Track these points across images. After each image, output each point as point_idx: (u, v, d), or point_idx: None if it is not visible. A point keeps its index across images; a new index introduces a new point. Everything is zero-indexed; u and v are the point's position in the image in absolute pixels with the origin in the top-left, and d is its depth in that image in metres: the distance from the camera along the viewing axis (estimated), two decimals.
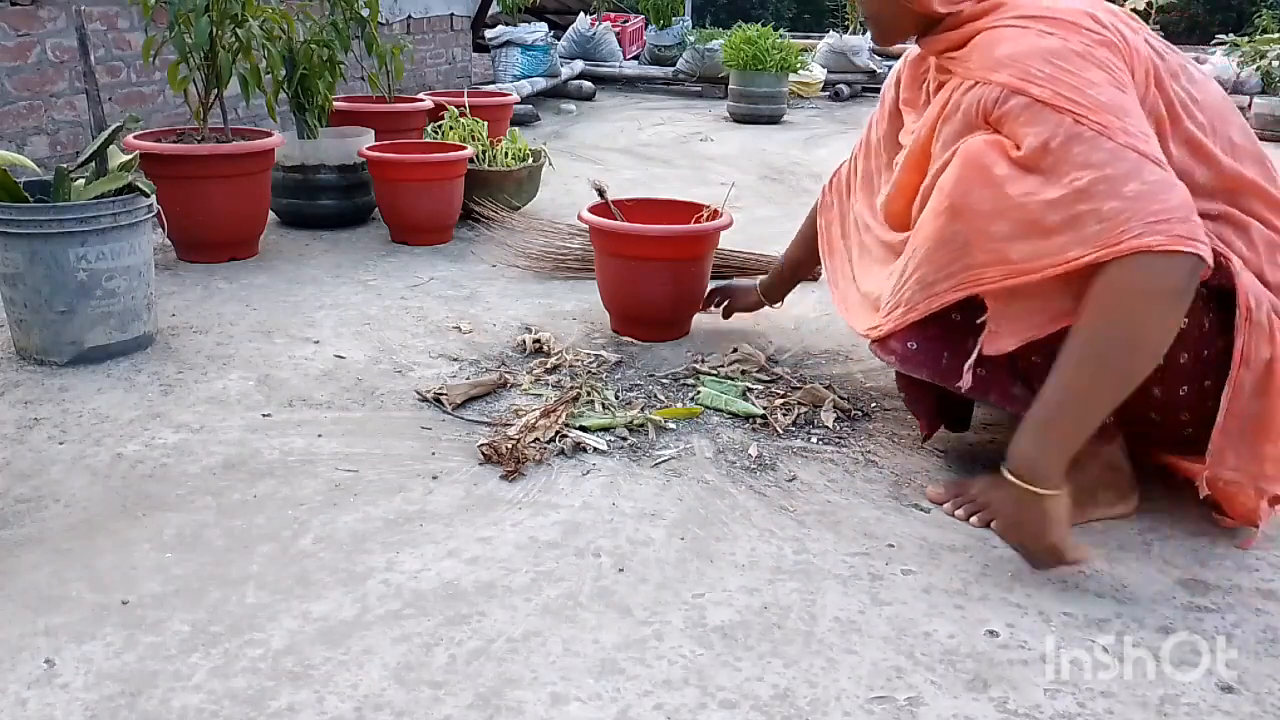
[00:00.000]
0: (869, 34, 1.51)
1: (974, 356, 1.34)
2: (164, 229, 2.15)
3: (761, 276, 2.09)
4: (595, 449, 1.57)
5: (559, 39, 7.10)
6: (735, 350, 1.97)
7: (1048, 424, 1.22)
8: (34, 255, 1.79)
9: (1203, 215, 1.26)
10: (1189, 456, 1.42)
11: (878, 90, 7.26)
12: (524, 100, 5.36)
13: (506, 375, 1.82)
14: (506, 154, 3.07)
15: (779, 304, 2.08)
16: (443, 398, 1.73)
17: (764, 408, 1.72)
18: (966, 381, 1.36)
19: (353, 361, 1.93)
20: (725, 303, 2.12)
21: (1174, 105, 1.31)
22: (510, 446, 1.52)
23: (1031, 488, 1.21)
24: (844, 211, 1.77)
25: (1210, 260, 1.18)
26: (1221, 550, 1.35)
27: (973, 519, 1.39)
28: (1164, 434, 1.39)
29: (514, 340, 2.05)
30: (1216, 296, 1.29)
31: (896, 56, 7.83)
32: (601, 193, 2.17)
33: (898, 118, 1.63)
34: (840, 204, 1.79)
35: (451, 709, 1.02)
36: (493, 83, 5.97)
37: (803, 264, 1.98)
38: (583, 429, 1.63)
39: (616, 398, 1.76)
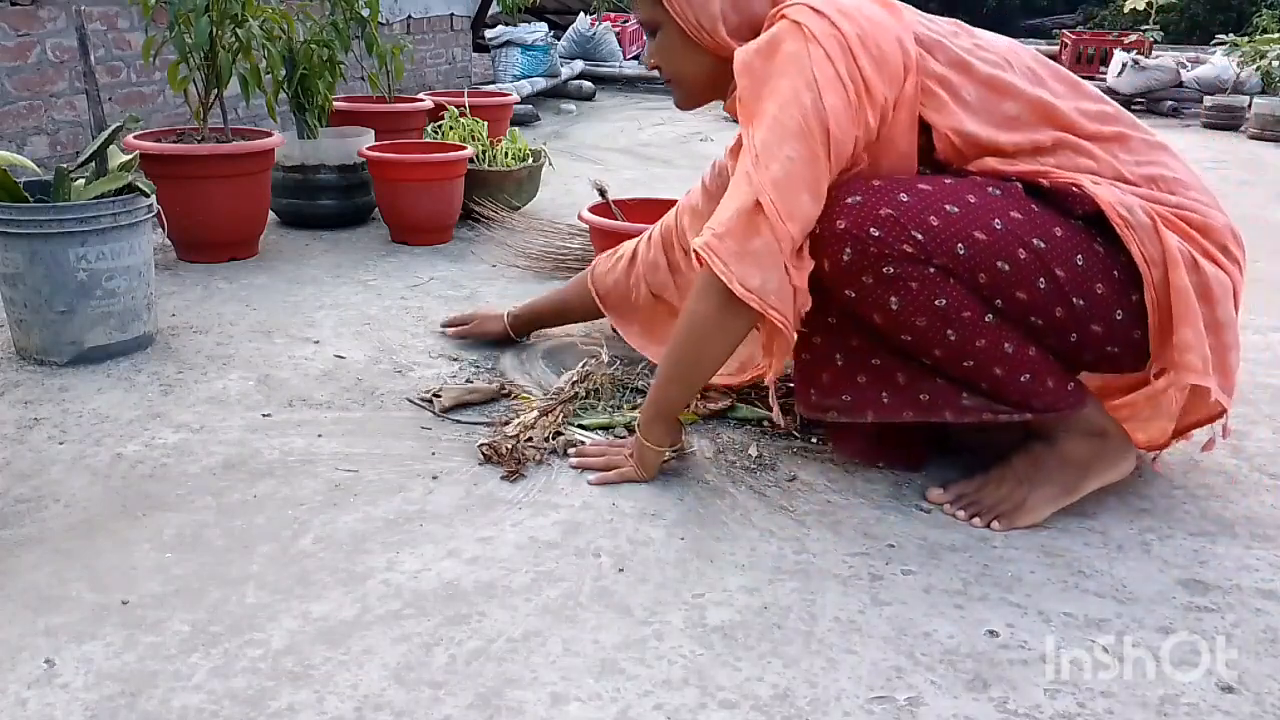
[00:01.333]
0: (674, 98, 1.62)
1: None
2: (164, 229, 2.15)
3: (512, 306, 2.03)
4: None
5: (559, 39, 7.10)
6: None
7: (652, 403, 1.47)
8: (34, 255, 1.79)
9: (1036, 149, 1.36)
10: (1116, 376, 1.47)
11: None
12: (524, 100, 5.36)
13: (509, 386, 1.80)
14: (506, 154, 3.08)
15: (525, 339, 2.04)
16: (436, 400, 1.72)
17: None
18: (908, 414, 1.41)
19: (353, 361, 1.93)
20: (465, 327, 2.04)
21: (959, 60, 1.36)
22: (510, 447, 1.52)
23: (649, 445, 1.47)
24: (675, 267, 1.79)
25: (738, 291, 1.29)
26: (1221, 550, 1.35)
27: (975, 520, 1.40)
28: (1133, 363, 1.40)
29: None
30: (1094, 221, 1.32)
31: None
32: (603, 192, 2.18)
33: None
34: (668, 257, 1.80)
35: (451, 709, 1.02)
36: (493, 83, 5.98)
37: (573, 310, 1.99)
38: (582, 427, 1.63)
39: (617, 397, 1.76)
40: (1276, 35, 7.23)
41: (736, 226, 1.31)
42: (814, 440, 1.65)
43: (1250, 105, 6.12)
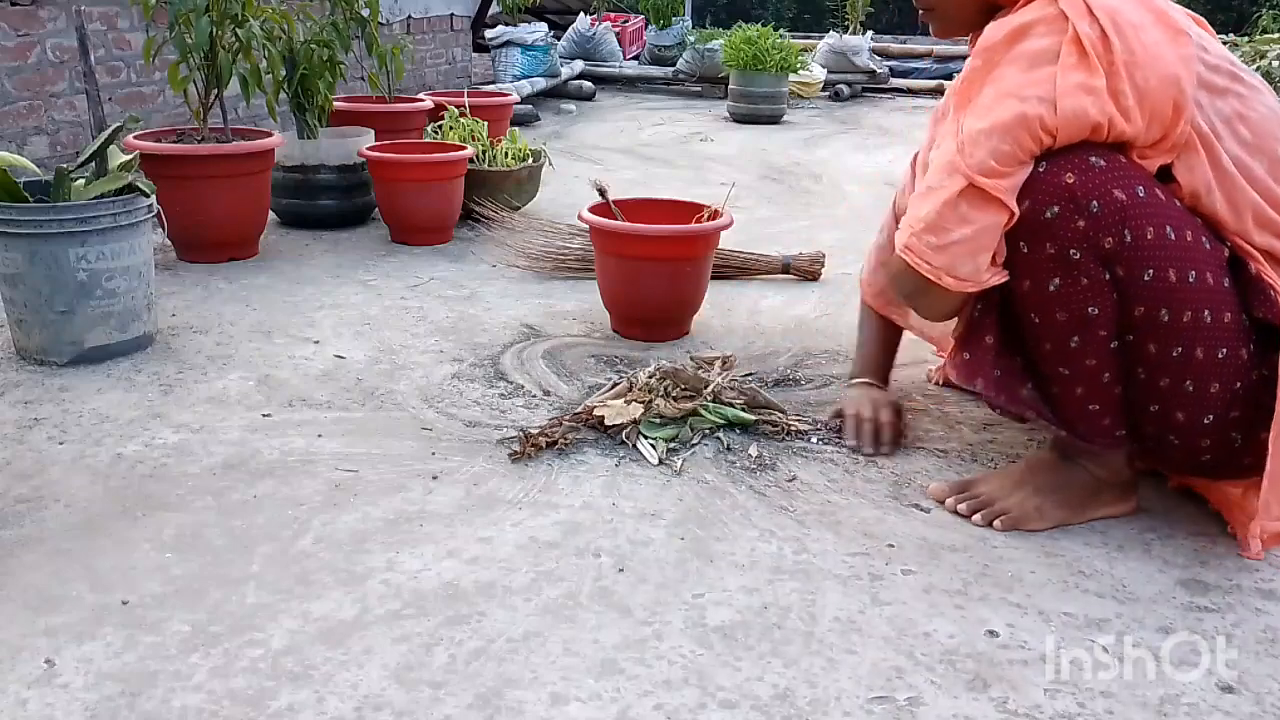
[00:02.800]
0: (930, 27, 1.46)
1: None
2: (164, 229, 2.15)
3: (863, 380, 1.76)
4: (643, 458, 1.56)
5: (559, 39, 7.09)
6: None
7: None
8: (34, 255, 1.79)
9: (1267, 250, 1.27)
10: (1202, 479, 1.42)
11: (878, 90, 7.29)
12: (524, 100, 5.36)
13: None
14: (506, 154, 3.07)
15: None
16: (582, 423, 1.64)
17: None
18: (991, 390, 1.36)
19: (353, 361, 1.93)
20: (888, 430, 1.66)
21: (1231, 114, 1.26)
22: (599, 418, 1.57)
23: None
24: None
25: (944, 281, 1.26)
26: (1221, 550, 1.35)
27: (975, 516, 1.39)
28: (1180, 456, 1.36)
29: (514, 340, 2.05)
30: (1260, 329, 1.26)
31: (899, 57, 7.75)
32: (602, 192, 2.17)
33: None
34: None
35: (451, 709, 1.02)
36: (493, 83, 5.97)
37: (879, 333, 1.81)
38: (649, 437, 1.60)
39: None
40: (1276, 35, 7.23)
41: (937, 218, 1.24)
42: (814, 440, 1.65)
43: None
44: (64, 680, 1.04)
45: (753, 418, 1.66)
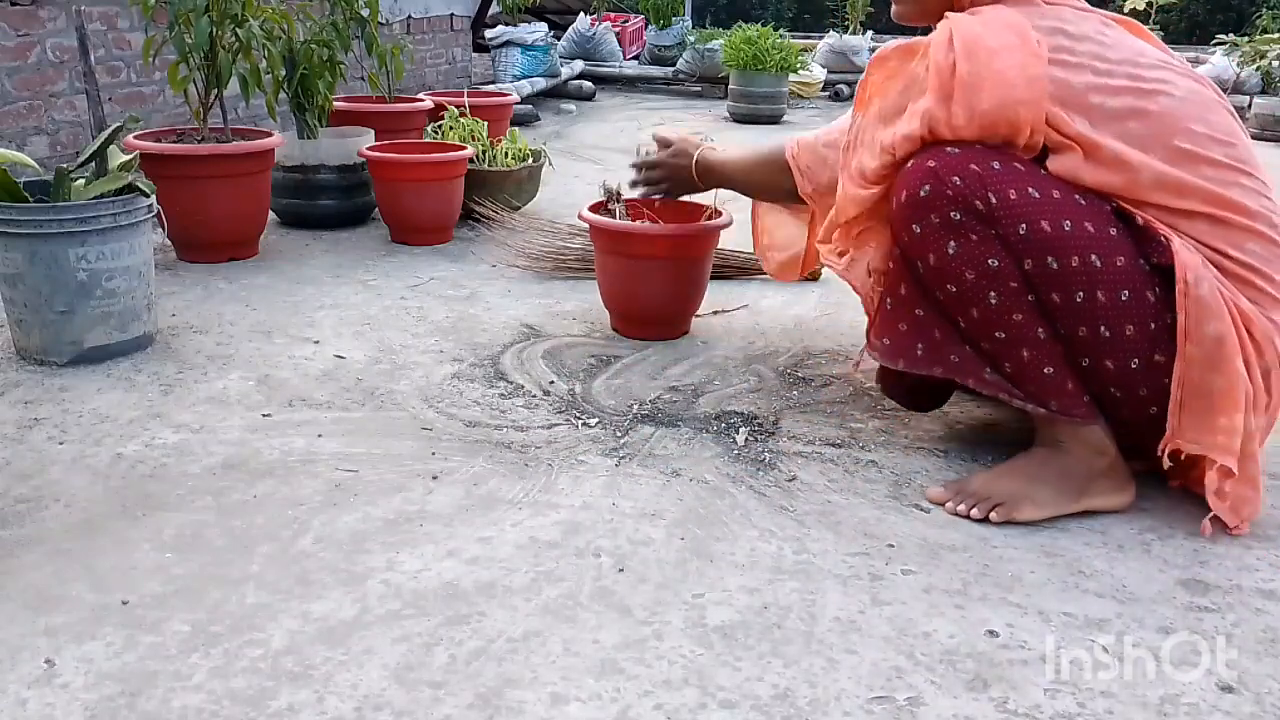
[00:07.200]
0: (893, 9, 1.60)
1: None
2: (164, 229, 2.15)
3: (706, 147, 2.08)
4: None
5: (559, 39, 7.10)
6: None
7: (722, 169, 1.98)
8: (34, 255, 1.79)
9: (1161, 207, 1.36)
10: (1194, 472, 1.42)
11: None
12: (524, 100, 5.36)
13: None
14: (506, 154, 3.07)
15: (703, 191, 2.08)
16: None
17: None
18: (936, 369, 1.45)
19: (353, 361, 1.93)
20: (655, 173, 2.11)
21: (1106, 114, 1.39)
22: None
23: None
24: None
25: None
26: (1221, 550, 1.35)
27: (972, 511, 1.40)
28: (1130, 415, 1.40)
29: (512, 340, 2.05)
30: (1162, 273, 1.33)
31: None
32: (613, 196, 2.15)
33: None
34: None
35: (451, 709, 1.02)
36: (493, 83, 5.97)
37: (762, 179, 1.99)
38: None
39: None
40: (1276, 35, 7.23)
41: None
42: (814, 440, 1.65)
43: (1250, 105, 6.13)
44: (64, 680, 1.04)
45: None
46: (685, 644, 1.12)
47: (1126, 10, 9.27)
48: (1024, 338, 1.37)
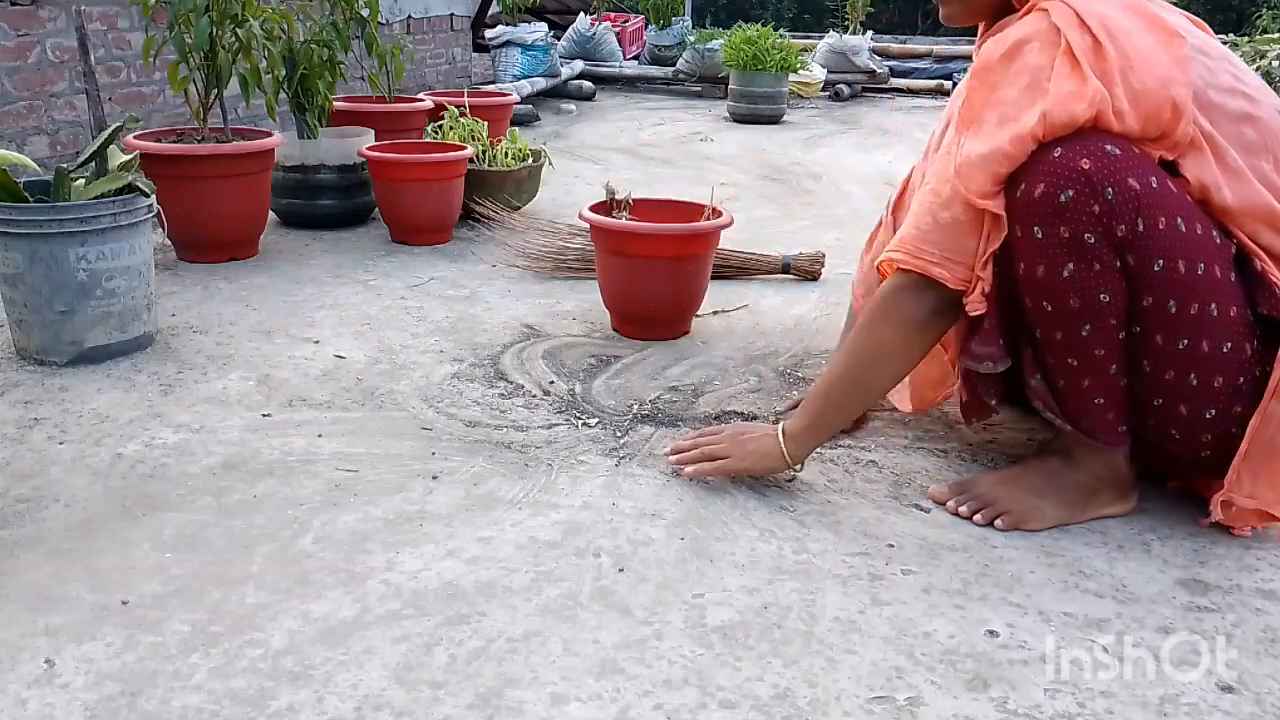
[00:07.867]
0: (940, 11, 1.42)
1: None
2: (164, 229, 2.15)
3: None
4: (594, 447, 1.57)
5: (559, 39, 7.09)
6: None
7: (812, 414, 1.42)
8: (34, 255, 1.79)
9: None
10: (1200, 479, 1.41)
11: (878, 90, 7.29)
12: (524, 100, 5.36)
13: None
14: (506, 154, 3.07)
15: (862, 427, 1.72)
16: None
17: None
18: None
19: (353, 361, 1.93)
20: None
21: (1239, 116, 1.28)
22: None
23: (785, 451, 1.42)
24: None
25: (950, 284, 1.29)
26: (1221, 550, 1.35)
27: (976, 516, 1.39)
28: (1181, 452, 1.36)
29: (512, 340, 2.05)
30: (1264, 325, 1.27)
31: (899, 57, 7.73)
32: (617, 201, 2.15)
33: None
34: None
35: (451, 709, 1.02)
36: (493, 83, 5.97)
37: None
38: None
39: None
40: (1276, 35, 7.23)
41: (929, 229, 1.31)
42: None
43: None
44: (64, 680, 1.04)
45: None
46: (685, 644, 1.12)
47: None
48: (1094, 369, 1.29)
